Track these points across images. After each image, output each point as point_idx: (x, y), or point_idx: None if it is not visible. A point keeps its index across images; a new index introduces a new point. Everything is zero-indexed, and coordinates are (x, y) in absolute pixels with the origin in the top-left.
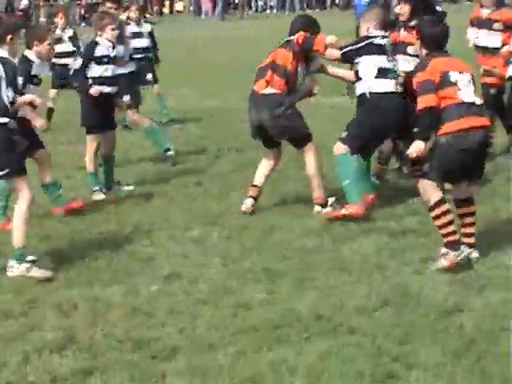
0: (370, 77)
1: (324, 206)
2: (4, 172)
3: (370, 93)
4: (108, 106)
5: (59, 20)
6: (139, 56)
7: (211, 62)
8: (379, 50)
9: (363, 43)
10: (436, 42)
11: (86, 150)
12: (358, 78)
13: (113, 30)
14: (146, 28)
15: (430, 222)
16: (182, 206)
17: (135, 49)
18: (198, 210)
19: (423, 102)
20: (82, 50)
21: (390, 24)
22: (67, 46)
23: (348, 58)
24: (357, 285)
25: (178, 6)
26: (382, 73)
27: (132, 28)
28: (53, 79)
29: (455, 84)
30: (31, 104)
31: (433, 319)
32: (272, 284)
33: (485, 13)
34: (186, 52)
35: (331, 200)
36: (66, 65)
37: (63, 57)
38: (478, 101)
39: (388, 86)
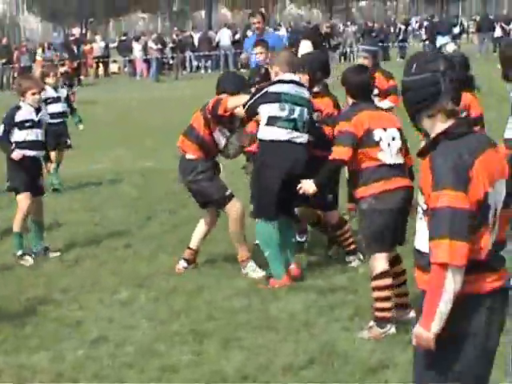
0: (262, 124)
1: (245, 265)
2: None
3: (259, 140)
4: (34, 170)
5: None
6: (57, 120)
7: (146, 122)
8: (273, 97)
9: (260, 93)
10: (362, 90)
11: (17, 210)
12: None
13: (33, 94)
14: (63, 93)
15: (358, 279)
16: (112, 268)
17: (53, 113)
18: (128, 272)
19: (336, 153)
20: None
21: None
22: None
23: (252, 113)
24: (284, 343)
25: (113, 68)
26: (271, 121)
27: (49, 93)
28: None
29: (377, 144)
30: None
31: (358, 377)
32: (199, 345)
33: None
34: (121, 113)
35: (252, 262)
36: None
37: None
38: (400, 160)
39: (275, 133)
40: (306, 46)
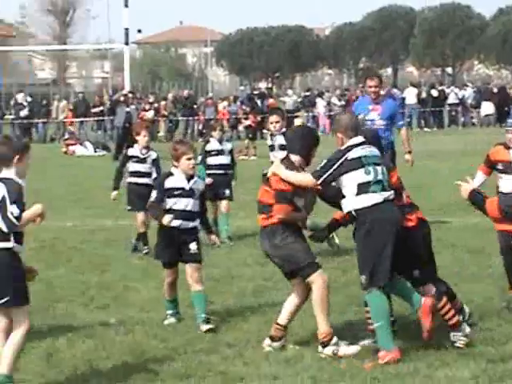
0: (351, 195)
1: (327, 343)
2: (3, 301)
3: (355, 210)
4: (179, 239)
5: (143, 138)
6: (218, 172)
7: None
8: (355, 164)
9: (339, 162)
10: None
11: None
12: (343, 196)
13: (189, 159)
14: (227, 146)
15: None
16: None
17: (216, 165)
18: (295, 329)
19: None
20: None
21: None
22: (145, 167)
23: (329, 183)
24: None
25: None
26: (363, 188)
27: (214, 146)
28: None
29: None
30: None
31: None
32: None
33: None
34: None
35: (335, 339)
36: (144, 184)
37: (141, 176)
38: None
39: (371, 199)
40: (487, 108)
